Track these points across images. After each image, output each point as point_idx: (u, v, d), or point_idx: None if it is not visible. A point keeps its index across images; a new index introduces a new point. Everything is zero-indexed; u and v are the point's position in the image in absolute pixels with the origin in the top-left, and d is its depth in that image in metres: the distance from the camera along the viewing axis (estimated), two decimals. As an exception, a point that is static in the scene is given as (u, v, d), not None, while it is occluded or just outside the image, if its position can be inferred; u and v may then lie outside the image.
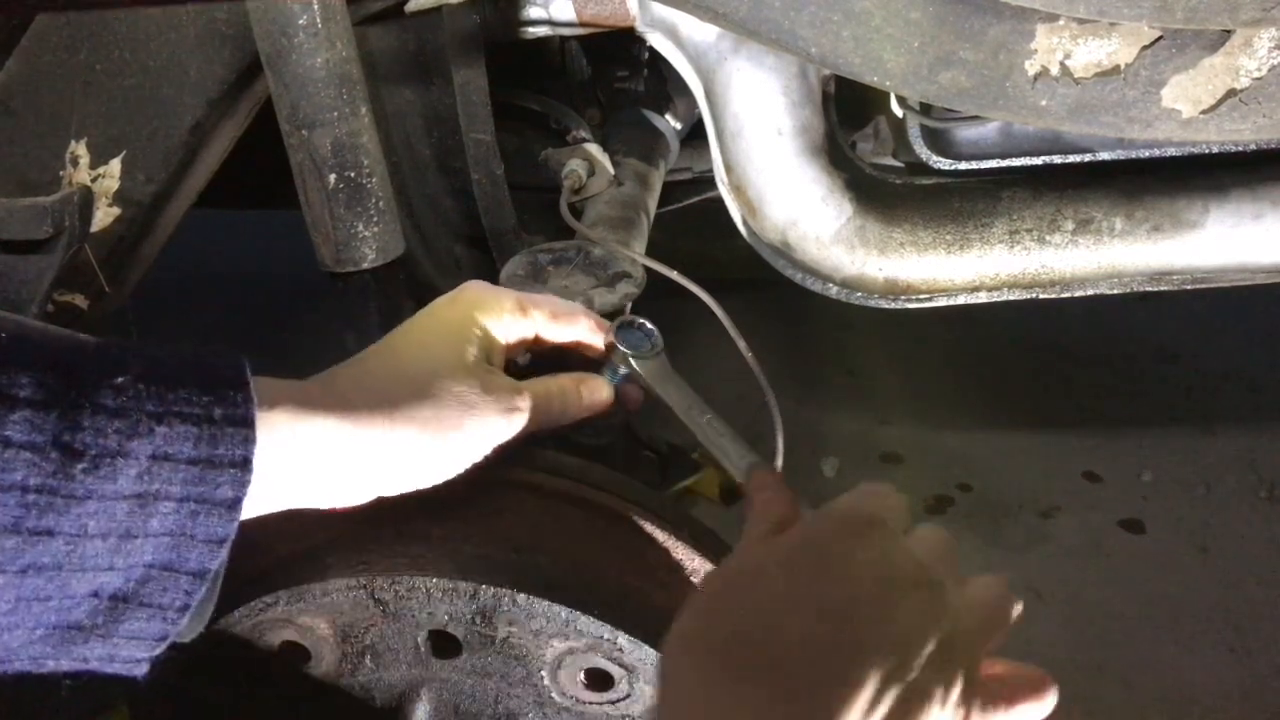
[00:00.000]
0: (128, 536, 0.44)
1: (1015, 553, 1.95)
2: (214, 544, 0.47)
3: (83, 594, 0.45)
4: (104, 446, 0.43)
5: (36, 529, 0.42)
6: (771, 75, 1.02)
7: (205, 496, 0.46)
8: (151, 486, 0.44)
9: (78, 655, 0.47)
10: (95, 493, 0.43)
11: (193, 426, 0.45)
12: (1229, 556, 1.90)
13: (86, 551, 0.43)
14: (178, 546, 0.46)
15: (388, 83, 1.20)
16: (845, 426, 2.26)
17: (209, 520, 0.46)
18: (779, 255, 1.10)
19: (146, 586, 0.46)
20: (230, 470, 0.46)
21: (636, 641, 0.60)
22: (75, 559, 0.43)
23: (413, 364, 0.59)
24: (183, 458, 0.45)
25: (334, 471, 0.54)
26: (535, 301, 0.67)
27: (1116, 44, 0.80)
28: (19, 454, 0.41)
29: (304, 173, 0.88)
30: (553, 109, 1.29)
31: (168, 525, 0.45)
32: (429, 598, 0.60)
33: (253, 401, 0.47)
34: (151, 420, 0.44)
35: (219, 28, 0.96)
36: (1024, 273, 1.09)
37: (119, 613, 0.46)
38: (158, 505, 0.45)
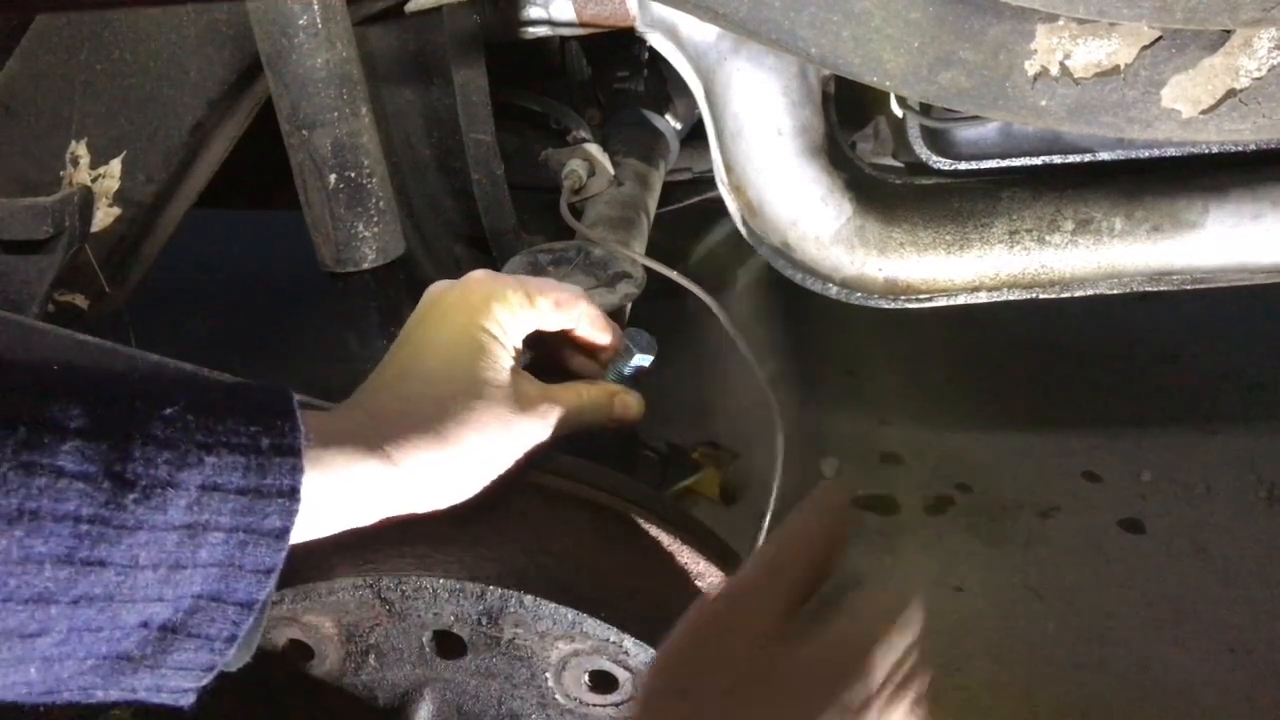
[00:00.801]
0: (177, 567, 0.45)
1: (1015, 553, 1.95)
2: (261, 574, 0.47)
3: (133, 624, 0.45)
4: (155, 477, 0.43)
5: (89, 559, 0.42)
6: (771, 75, 1.02)
7: (254, 526, 0.46)
8: (201, 517, 0.45)
9: (126, 686, 0.47)
10: (146, 523, 0.43)
11: (241, 456, 0.45)
12: (1229, 556, 1.91)
13: (138, 582, 0.44)
14: (226, 577, 0.46)
15: (388, 83, 1.20)
16: (845, 426, 2.26)
17: (257, 550, 0.47)
18: (779, 255, 1.10)
19: (195, 617, 0.47)
20: (278, 500, 0.47)
21: (642, 644, 0.60)
22: (126, 590, 0.43)
23: (448, 384, 0.59)
24: (232, 488, 0.45)
25: (380, 503, 0.55)
26: (540, 288, 0.66)
27: (1116, 44, 0.80)
28: (72, 484, 0.41)
29: (304, 173, 0.88)
30: (553, 109, 1.29)
31: (216, 556, 0.46)
32: (435, 598, 0.60)
33: (300, 431, 0.48)
34: (201, 450, 0.44)
35: (219, 28, 0.96)
36: (1024, 273, 1.09)
37: (168, 643, 0.47)
38: (207, 536, 0.45)
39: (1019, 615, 1.81)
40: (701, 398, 2.14)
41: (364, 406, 0.58)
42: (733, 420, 1.99)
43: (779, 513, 0.89)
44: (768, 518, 0.89)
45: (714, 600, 0.51)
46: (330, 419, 0.54)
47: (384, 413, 0.57)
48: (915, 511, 2.07)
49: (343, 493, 0.52)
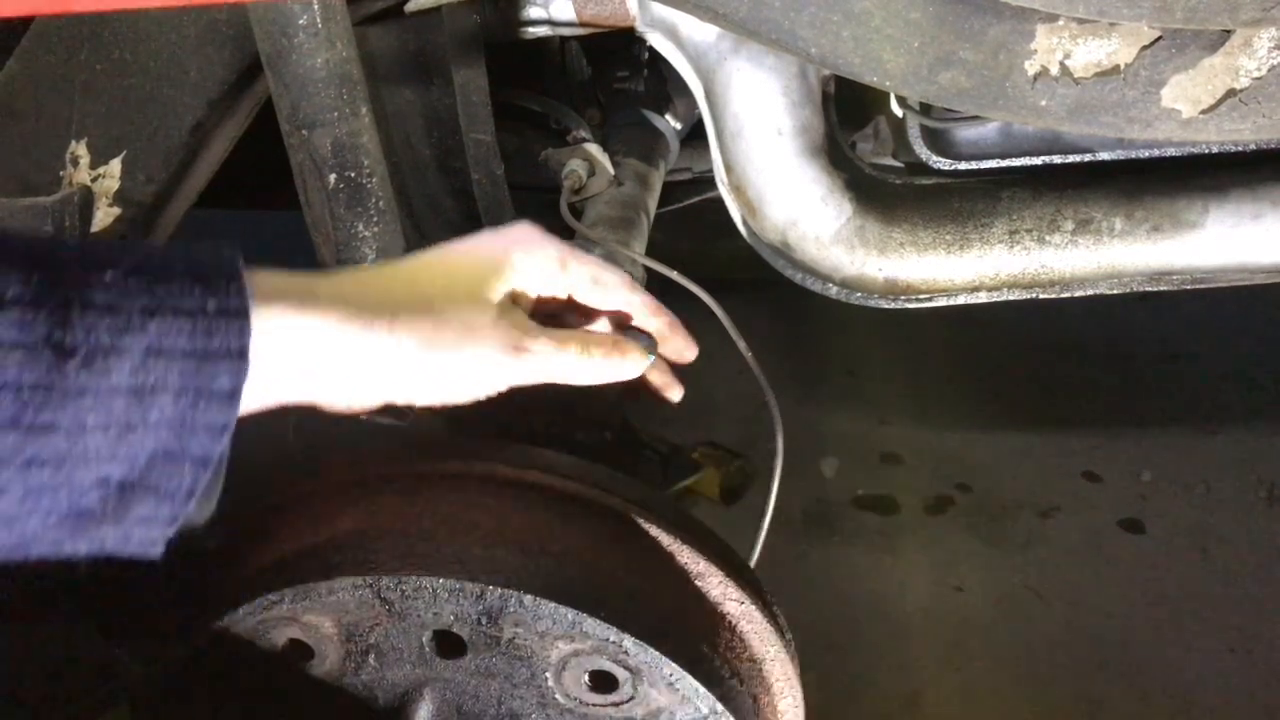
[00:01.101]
0: (128, 428, 0.45)
1: (1015, 553, 1.95)
2: (215, 431, 0.48)
3: (89, 483, 0.46)
4: (96, 343, 0.43)
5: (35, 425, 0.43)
6: (771, 75, 1.02)
7: (203, 388, 0.46)
8: (148, 379, 0.45)
9: (93, 540, 0.48)
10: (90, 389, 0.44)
11: (186, 320, 0.46)
12: (1229, 556, 1.91)
13: (88, 444, 0.44)
14: (179, 436, 0.47)
15: (388, 83, 1.20)
16: (845, 426, 2.26)
17: (209, 410, 0.47)
18: (779, 255, 1.10)
19: (152, 473, 0.47)
20: (227, 361, 0.47)
21: (642, 644, 0.60)
22: (78, 452, 0.44)
23: (429, 282, 0.59)
24: (178, 351, 0.45)
25: (330, 370, 0.54)
26: (580, 259, 0.66)
27: (1116, 44, 0.80)
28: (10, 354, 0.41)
29: (304, 173, 0.88)
30: (553, 109, 1.29)
31: (167, 416, 0.46)
32: (435, 598, 0.60)
33: (246, 293, 0.48)
34: (144, 315, 0.44)
35: (219, 28, 0.96)
36: (1024, 273, 1.09)
37: (127, 499, 0.47)
38: (155, 398, 0.46)
39: (1019, 615, 1.81)
40: (701, 398, 2.14)
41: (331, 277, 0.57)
42: (733, 420, 1.99)
43: (779, 513, 0.90)
44: (767, 518, 0.89)
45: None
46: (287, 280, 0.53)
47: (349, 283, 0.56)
48: (915, 511, 2.07)
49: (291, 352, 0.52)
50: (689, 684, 0.61)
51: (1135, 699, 1.64)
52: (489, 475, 0.68)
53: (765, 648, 0.71)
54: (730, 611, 0.70)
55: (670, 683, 0.61)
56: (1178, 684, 1.66)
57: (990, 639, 1.76)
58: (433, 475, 0.69)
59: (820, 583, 1.89)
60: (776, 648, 0.71)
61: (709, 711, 0.62)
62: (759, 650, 0.71)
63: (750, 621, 0.70)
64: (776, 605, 0.73)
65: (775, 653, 0.71)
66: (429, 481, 0.68)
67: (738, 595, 0.69)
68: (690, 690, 0.61)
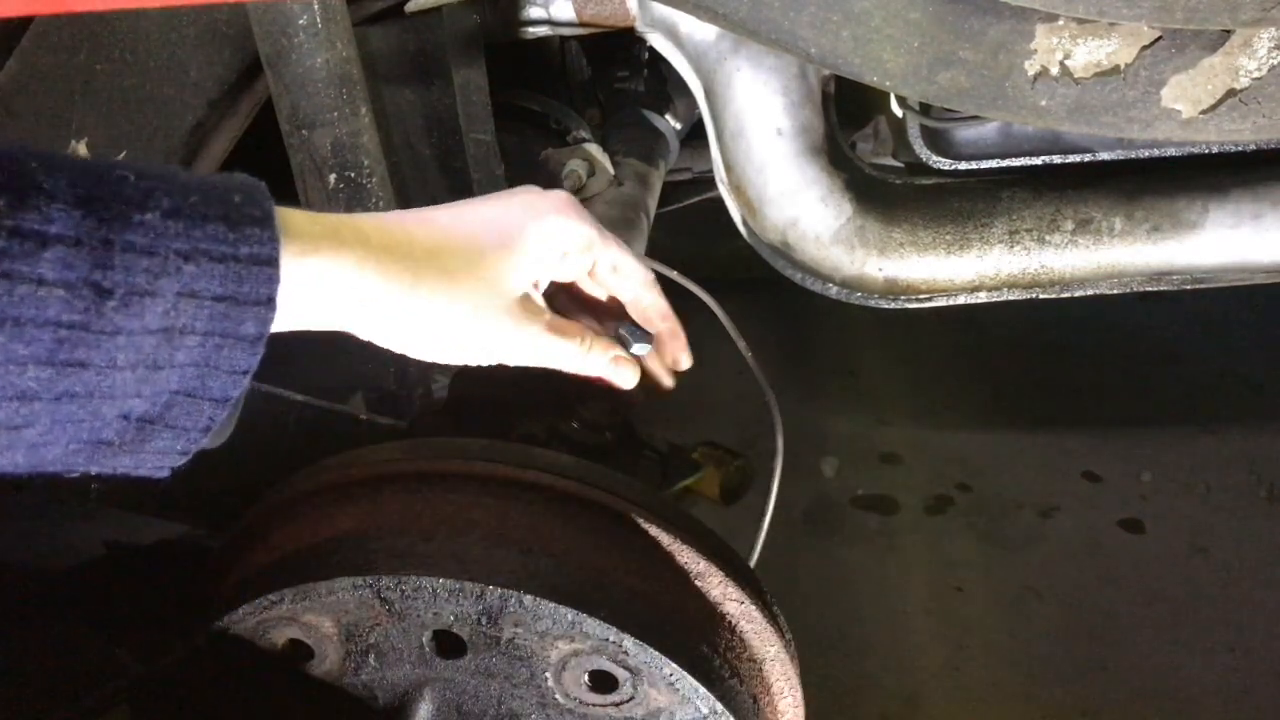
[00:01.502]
0: (155, 367, 0.46)
1: (1015, 553, 1.95)
2: (237, 373, 0.49)
3: (112, 416, 0.47)
4: (133, 284, 0.44)
5: (70, 361, 0.44)
6: (771, 75, 1.02)
7: (229, 331, 0.47)
8: (178, 322, 0.46)
9: (106, 465, 0.49)
10: (124, 329, 0.44)
11: (218, 264, 0.46)
12: (1229, 556, 1.91)
13: (116, 381, 0.45)
14: (202, 376, 0.48)
15: (388, 83, 1.20)
16: (845, 426, 2.26)
17: (233, 353, 0.48)
18: (779, 255, 1.10)
19: (172, 411, 0.48)
20: (254, 308, 0.48)
21: (642, 644, 0.60)
22: (105, 388, 0.45)
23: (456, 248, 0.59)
24: (208, 295, 0.46)
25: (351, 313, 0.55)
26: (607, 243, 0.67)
27: (1116, 44, 0.80)
28: (53, 291, 0.42)
29: (304, 173, 0.88)
30: (553, 109, 1.29)
31: (193, 357, 0.47)
32: (435, 598, 0.60)
33: (277, 240, 0.48)
34: (179, 259, 0.45)
35: (219, 28, 0.96)
36: (1024, 273, 1.09)
37: (146, 433, 0.48)
38: (184, 339, 0.46)
39: (1019, 615, 1.81)
40: (701, 398, 2.14)
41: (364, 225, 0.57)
42: (733, 420, 1.99)
43: (779, 513, 0.90)
44: (767, 518, 0.89)
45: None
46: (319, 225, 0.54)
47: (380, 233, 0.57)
48: (915, 511, 2.07)
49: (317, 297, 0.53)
50: (689, 684, 0.61)
51: (1135, 699, 1.64)
52: (489, 475, 0.68)
53: (765, 648, 0.71)
54: (730, 611, 0.70)
55: (670, 683, 0.61)
56: (1177, 684, 1.66)
57: (990, 639, 1.76)
58: (433, 475, 0.69)
59: (820, 583, 1.89)
60: (776, 648, 0.71)
61: (709, 711, 0.62)
62: (759, 650, 0.71)
63: (750, 621, 0.70)
64: (776, 605, 0.73)
65: (775, 653, 0.71)
66: (429, 481, 0.68)
67: (738, 595, 0.69)
68: (690, 690, 0.61)
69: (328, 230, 0.54)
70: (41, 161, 0.43)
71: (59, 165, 0.44)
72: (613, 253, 0.68)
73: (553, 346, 0.63)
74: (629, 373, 0.69)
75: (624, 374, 0.69)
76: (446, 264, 0.58)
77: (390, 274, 0.55)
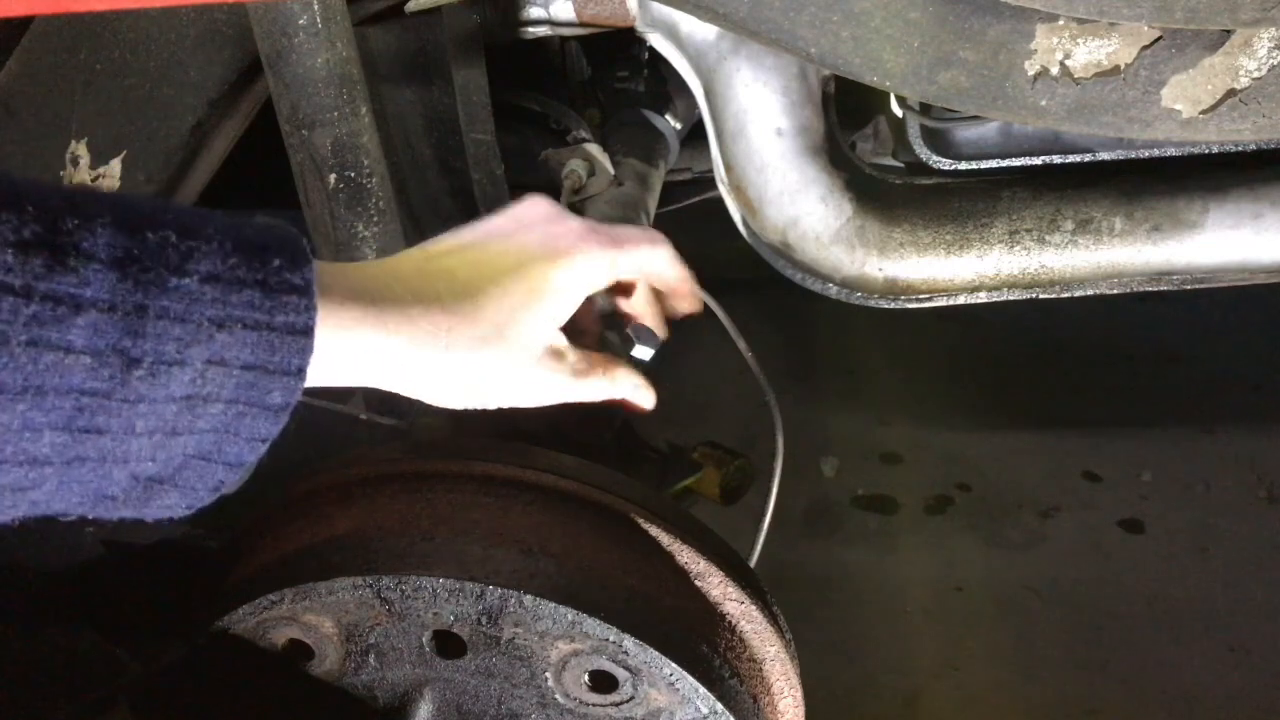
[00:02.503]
0: (173, 434, 0.45)
1: (1015, 553, 1.95)
2: (257, 441, 0.48)
3: (122, 477, 0.46)
4: (163, 353, 0.43)
5: (87, 428, 0.42)
6: (771, 75, 1.02)
7: (255, 400, 0.46)
8: (203, 390, 0.45)
9: (108, 515, 0.48)
10: (147, 397, 0.43)
11: (251, 332, 0.45)
12: (1229, 556, 1.91)
13: (131, 448, 0.44)
14: (220, 442, 0.47)
15: (388, 83, 1.20)
16: (845, 426, 2.26)
17: (256, 422, 0.47)
18: (779, 255, 1.10)
19: (183, 473, 0.47)
20: (283, 378, 0.46)
21: (642, 644, 0.60)
22: (119, 453, 0.44)
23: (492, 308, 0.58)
24: (237, 364, 0.45)
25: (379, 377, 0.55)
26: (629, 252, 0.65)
27: (1116, 44, 0.80)
28: (80, 359, 0.41)
29: (304, 173, 0.88)
30: (553, 109, 1.29)
31: (214, 424, 0.46)
32: (435, 597, 0.60)
33: (315, 310, 0.47)
34: (213, 326, 0.44)
35: (219, 28, 0.96)
36: (1024, 273, 1.09)
37: (153, 491, 0.47)
38: (207, 407, 0.45)
39: (1019, 615, 1.81)
40: (701, 398, 2.14)
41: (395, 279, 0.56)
42: (733, 420, 1.99)
43: (779, 513, 0.90)
44: (767, 518, 0.89)
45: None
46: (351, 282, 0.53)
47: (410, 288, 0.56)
48: (915, 511, 2.07)
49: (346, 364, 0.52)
50: (689, 684, 0.61)
51: (1135, 699, 1.64)
52: (489, 475, 0.68)
53: (765, 648, 0.71)
54: (730, 611, 0.70)
55: (670, 683, 0.61)
56: (1177, 684, 1.66)
57: (990, 639, 1.76)
58: (433, 475, 0.69)
59: (820, 583, 1.89)
60: (776, 648, 0.71)
61: (709, 711, 0.62)
62: (759, 650, 0.71)
63: (750, 621, 0.70)
64: (776, 605, 0.73)
65: (775, 653, 0.71)
66: (429, 481, 0.68)
67: (738, 595, 0.69)
68: (690, 690, 0.61)
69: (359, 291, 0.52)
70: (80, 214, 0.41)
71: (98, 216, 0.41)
72: (634, 257, 0.66)
73: (579, 387, 0.63)
74: (649, 395, 0.69)
75: (645, 397, 0.69)
76: (478, 330, 0.57)
77: (421, 341, 0.54)
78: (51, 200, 0.40)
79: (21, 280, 0.39)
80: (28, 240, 0.39)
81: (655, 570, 0.67)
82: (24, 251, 0.39)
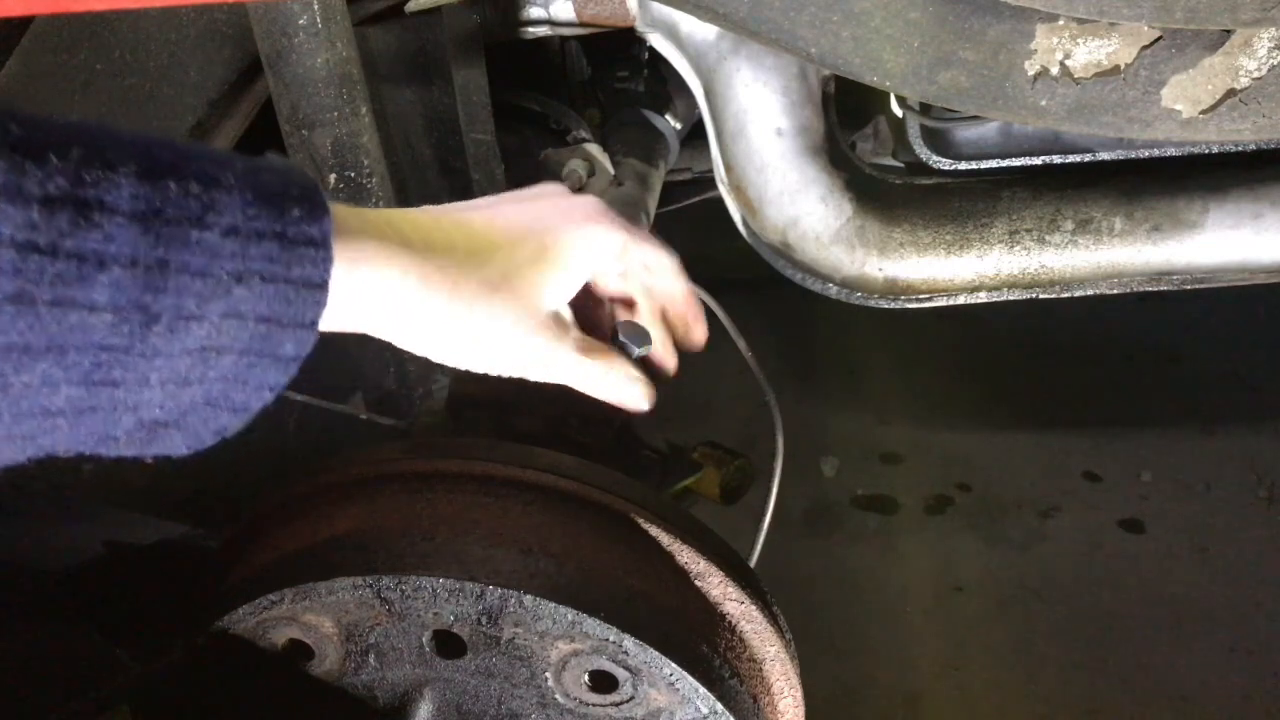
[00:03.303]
0: (184, 383, 0.45)
1: (1015, 553, 1.95)
2: (265, 389, 0.48)
3: (129, 423, 0.45)
4: (181, 308, 0.43)
5: (103, 380, 0.42)
6: (771, 75, 1.02)
7: (267, 351, 0.46)
8: (218, 341, 0.45)
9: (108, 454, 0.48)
10: (164, 351, 0.43)
11: (268, 284, 0.45)
12: (1229, 556, 1.91)
13: (143, 397, 0.44)
14: (228, 390, 0.47)
15: (388, 83, 1.20)
16: (845, 426, 2.26)
17: (266, 371, 0.47)
18: (779, 255, 1.10)
19: (188, 418, 0.47)
20: (297, 330, 0.46)
21: (642, 644, 0.60)
22: (131, 401, 0.44)
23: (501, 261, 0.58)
24: (252, 316, 0.45)
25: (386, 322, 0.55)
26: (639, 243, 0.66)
27: (1116, 44, 0.80)
28: (100, 315, 0.40)
29: (305, 173, 0.88)
30: (553, 109, 1.29)
31: (224, 373, 0.46)
32: (435, 597, 0.60)
33: (330, 263, 0.47)
34: (231, 279, 0.44)
35: (219, 28, 0.96)
36: (1024, 273, 1.09)
37: (156, 434, 0.47)
38: (220, 358, 0.45)
39: (1019, 615, 1.81)
40: (701, 398, 2.14)
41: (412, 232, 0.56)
42: (733, 420, 1.99)
43: (779, 513, 0.90)
44: (767, 518, 0.89)
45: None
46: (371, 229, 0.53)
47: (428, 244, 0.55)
48: (915, 511, 2.07)
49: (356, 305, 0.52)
50: (689, 684, 0.61)
51: (1135, 699, 1.64)
52: (489, 475, 0.68)
53: (765, 648, 0.71)
54: (730, 611, 0.70)
55: (670, 683, 0.61)
56: (1177, 684, 1.66)
57: (990, 639, 1.76)
58: (433, 475, 0.69)
59: (820, 583, 1.89)
60: (776, 648, 0.71)
61: (709, 711, 0.62)
62: (759, 650, 0.71)
63: (750, 621, 0.70)
64: (776, 605, 0.73)
65: (775, 653, 0.71)
66: (429, 481, 0.68)
67: (738, 595, 0.69)
68: (690, 690, 0.61)
69: (373, 235, 0.52)
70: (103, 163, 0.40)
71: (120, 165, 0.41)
72: (644, 251, 0.67)
73: (579, 367, 0.63)
74: (646, 397, 0.68)
75: (641, 398, 0.68)
76: (487, 274, 0.57)
77: (431, 284, 0.54)
78: (74, 147, 0.40)
79: (47, 238, 0.38)
80: (53, 195, 0.38)
81: (655, 570, 0.67)
82: (50, 207, 0.38)
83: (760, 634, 0.71)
